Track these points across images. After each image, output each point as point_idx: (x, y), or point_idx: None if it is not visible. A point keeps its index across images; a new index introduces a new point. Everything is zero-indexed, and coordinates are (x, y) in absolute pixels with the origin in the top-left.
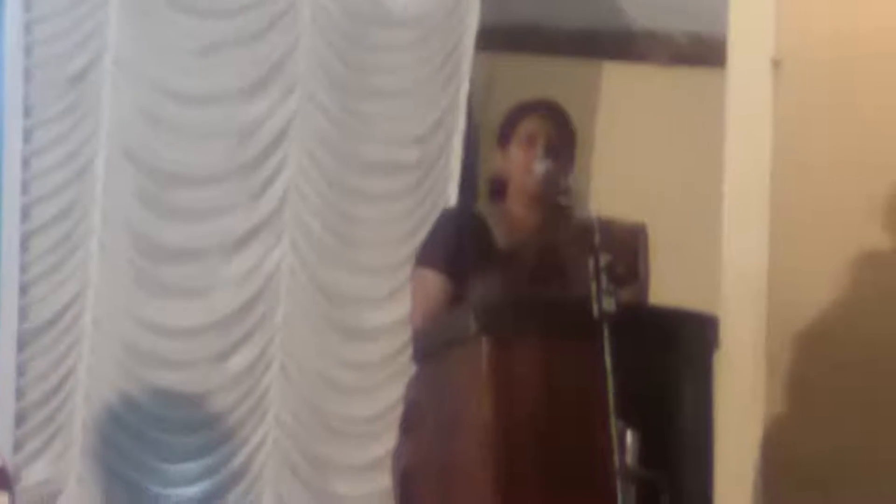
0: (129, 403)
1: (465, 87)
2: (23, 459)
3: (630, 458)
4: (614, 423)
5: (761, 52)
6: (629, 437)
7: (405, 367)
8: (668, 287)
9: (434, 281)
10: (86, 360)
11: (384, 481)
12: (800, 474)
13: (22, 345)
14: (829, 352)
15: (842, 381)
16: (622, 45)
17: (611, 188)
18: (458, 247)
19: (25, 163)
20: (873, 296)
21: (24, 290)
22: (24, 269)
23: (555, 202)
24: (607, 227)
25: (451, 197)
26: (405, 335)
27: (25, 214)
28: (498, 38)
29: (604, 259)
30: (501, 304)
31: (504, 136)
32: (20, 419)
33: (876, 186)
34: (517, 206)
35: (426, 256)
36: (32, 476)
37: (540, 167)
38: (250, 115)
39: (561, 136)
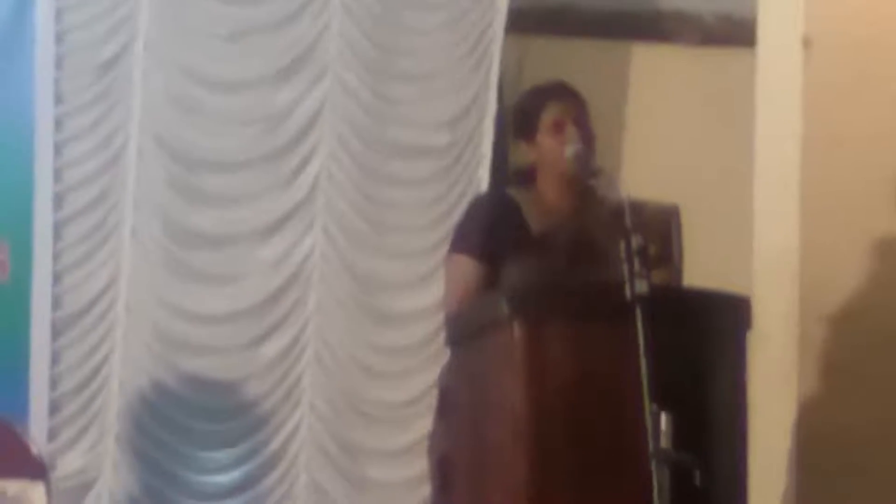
0: (162, 391)
1: (495, 70)
2: (57, 448)
3: (664, 441)
4: (648, 405)
5: (791, 31)
6: (663, 419)
7: (438, 352)
8: (700, 268)
9: (468, 266)
10: (119, 347)
11: (418, 466)
12: (834, 453)
13: (56, 333)
14: (863, 330)
15: (875, 359)
16: (652, 26)
17: (642, 170)
18: (492, 232)
19: (58, 151)
20: None
21: (57, 278)
22: (57, 257)
23: (586, 185)
24: (639, 209)
25: (483, 180)
26: (438, 320)
27: (58, 202)
28: (528, 21)
29: (636, 241)
30: (534, 288)
31: (528, 126)
32: (54, 408)
33: None
34: (549, 191)
35: (460, 242)
36: (67, 465)
37: (570, 151)
38: (281, 101)
39: (582, 116)
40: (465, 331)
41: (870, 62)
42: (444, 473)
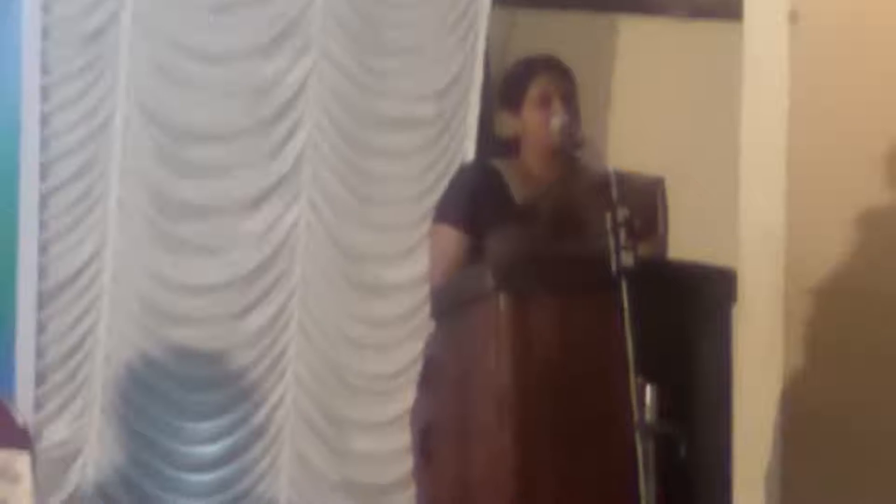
0: (148, 361)
1: (482, 42)
2: (43, 419)
3: (649, 413)
4: (633, 377)
5: (778, 4)
6: (648, 391)
7: (424, 324)
8: (685, 241)
9: (452, 237)
10: (105, 318)
11: (403, 438)
12: (819, 426)
13: (41, 303)
14: (848, 304)
15: (860, 332)
16: None
17: (628, 143)
18: (475, 202)
19: (44, 121)
20: (890, 249)
21: (43, 248)
22: (43, 227)
23: (571, 156)
24: (625, 180)
25: (469, 152)
26: (424, 292)
27: (44, 173)
28: None
29: (622, 213)
30: (519, 260)
31: (514, 99)
32: (40, 378)
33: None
34: (533, 162)
35: (444, 213)
36: (53, 435)
37: (556, 123)
38: (267, 72)
39: (569, 91)
40: (450, 302)
41: (856, 36)
42: (427, 444)
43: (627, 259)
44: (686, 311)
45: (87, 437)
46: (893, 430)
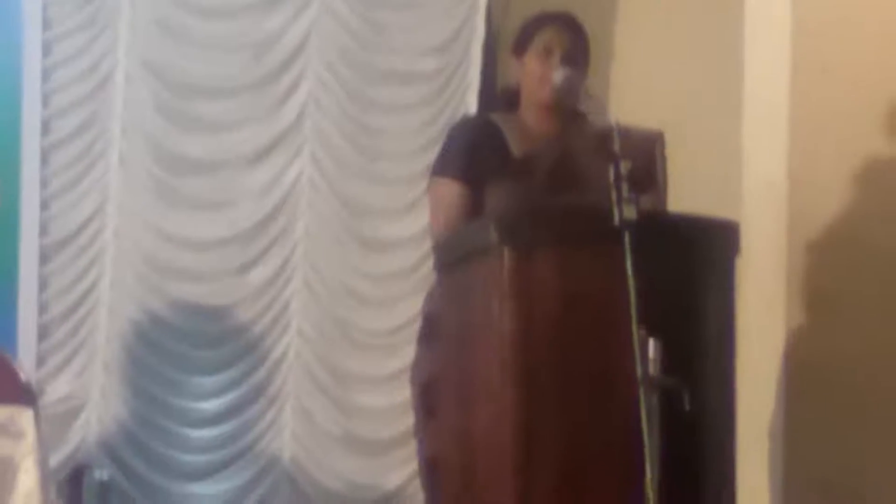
0: (151, 317)
1: None
2: (46, 374)
3: (652, 367)
4: (636, 331)
5: None
6: (651, 345)
7: (427, 279)
8: (689, 194)
9: (451, 189)
10: (108, 273)
11: (406, 392)
12: (821, 379)
13: (43, 259)
14: (850, 257)
15: (862, 286)
16: None
17: (631, 95)
18: (474, 155)
19: (46, 76)
20: (892, 201)
21: (45, 204)
22: (44, 183)
23: (573, 110)
24: (625, 133)
25: (471, 106)
26: (426, 246)
27: (46, 128)
28: None
29: (625, 167)
30: (523, 214)
31: (520, 47)
32: (43, 334)
33: None
34: (530, 115)
35: (442, 165)
36: (55, 391)
37: (557, 77)
38: (269, 27)
39: (576, 47)
40: (453, 256)
41: None
42: (429, 399)
43: (630, 212)
44: (689, 264)
45: (89, 392)
46: (895, 382)
